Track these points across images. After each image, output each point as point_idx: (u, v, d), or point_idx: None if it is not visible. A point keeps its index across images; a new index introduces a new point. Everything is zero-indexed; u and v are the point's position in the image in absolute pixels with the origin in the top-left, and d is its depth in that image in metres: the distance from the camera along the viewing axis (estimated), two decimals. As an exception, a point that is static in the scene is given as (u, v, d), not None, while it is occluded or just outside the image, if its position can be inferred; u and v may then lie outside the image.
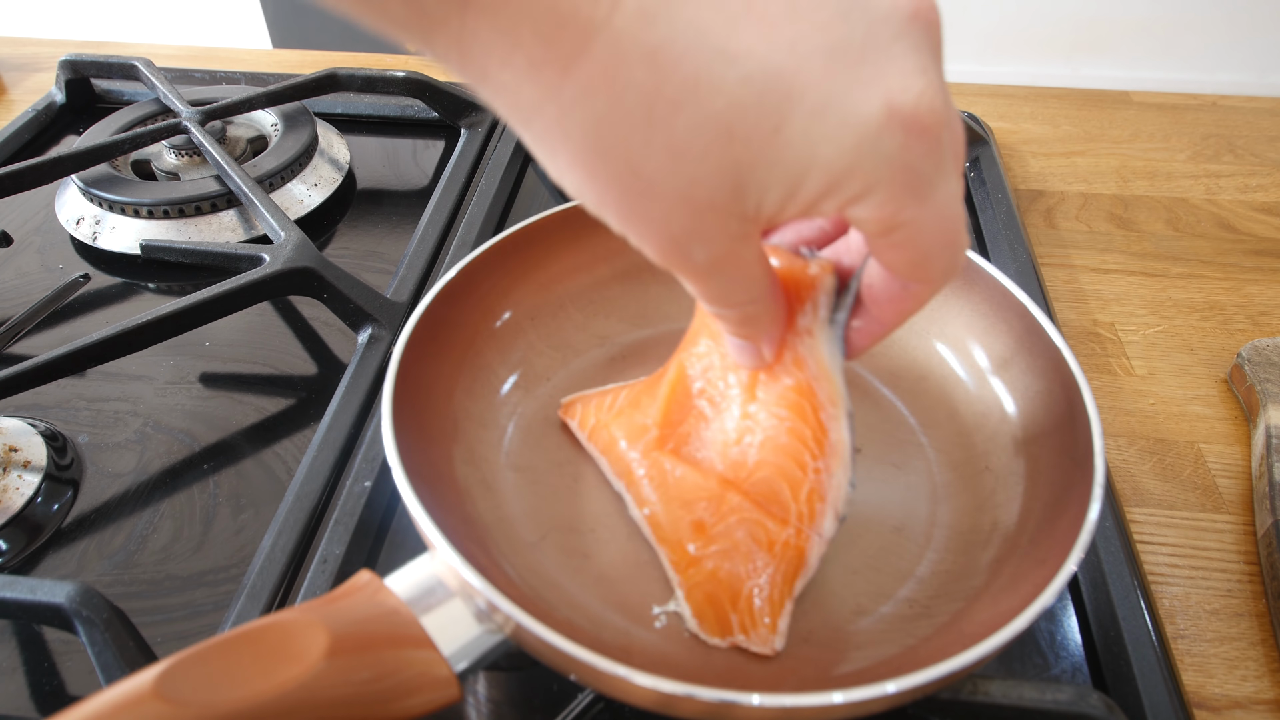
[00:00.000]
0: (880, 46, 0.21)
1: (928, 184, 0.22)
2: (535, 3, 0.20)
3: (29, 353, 0.50)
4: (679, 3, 0.20)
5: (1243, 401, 0.50)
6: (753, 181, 0.22)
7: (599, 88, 0.20)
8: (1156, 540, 0.44)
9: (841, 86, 0.21)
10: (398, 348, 0.38)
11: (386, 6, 0.20)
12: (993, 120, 0.77)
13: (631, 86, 0.20)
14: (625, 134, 0.21)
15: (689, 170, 0.21)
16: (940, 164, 0.22)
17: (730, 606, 0.34)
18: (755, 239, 0.25)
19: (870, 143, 0.21)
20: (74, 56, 0.73)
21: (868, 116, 0.21)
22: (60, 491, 0.44)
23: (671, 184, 0.22)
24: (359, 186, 0.67)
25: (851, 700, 0.27)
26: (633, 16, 0.20)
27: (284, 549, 0.39)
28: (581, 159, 0.22)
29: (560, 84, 0.21)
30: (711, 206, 0.22)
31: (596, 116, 0.21)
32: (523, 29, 0.20)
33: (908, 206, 0.23)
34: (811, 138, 0.21)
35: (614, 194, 0.22)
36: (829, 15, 0.21)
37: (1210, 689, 0.38)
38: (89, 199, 0.60)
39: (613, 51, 0.20)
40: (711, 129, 0.21)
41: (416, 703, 0.27)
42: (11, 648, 0.38)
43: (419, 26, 0.21)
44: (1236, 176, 0.70)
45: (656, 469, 0.38)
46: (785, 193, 0.22)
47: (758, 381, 0.36)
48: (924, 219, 0.23)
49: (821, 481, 0.35)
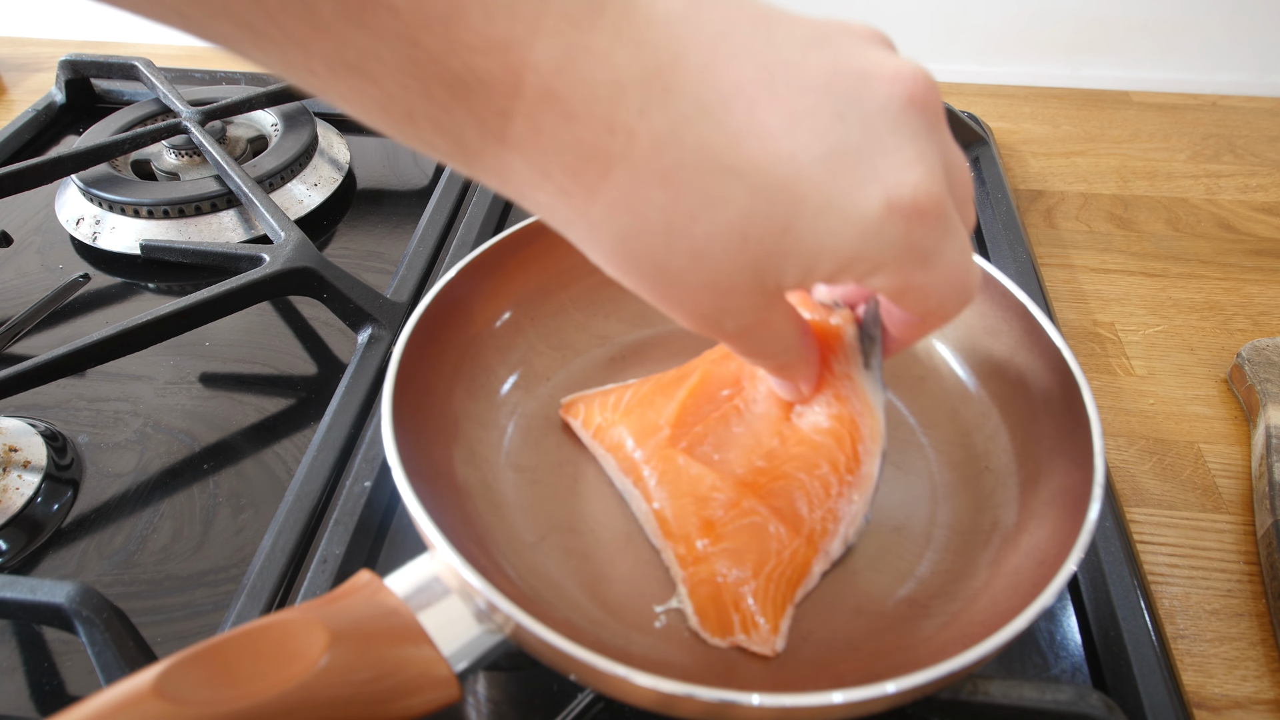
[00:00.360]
0: (876, 143, 0.23)
1: (934, 254, 0.25)
2: (561, 140, 0.22)
3: (29, 353, 0.50)
4: (686, 128, 0.22)
5: (1243, 401, 0.50)
6: (770, 269, 0.24)
7: (621, 209, 0.23)
8: (1156, 540, 0.44)
9: (842, 188, 0.23)
10: (398, 348, 0.38)
11: (433, 143, 0.23)
12: (993, 120, 0.77)
13: (651, 205, 0.23)
14: (649, 244, 0.24)
15: (710, 267, 0.24)
16: (944, 234, 0.24)
17: (733, 606, 0.34)
18: (780, 305, 0.27)
19: (874, 234, 0.23)
20: (74, 56, 0.73)
21: (868, 212, 0.23)
22: (60, 491, 0.44)
23: (696, 279, 0.24)
24: (359, 186, 0.67)
25: (851, 700, 0.27)
26: (647, 146, 0.22)
27: (284, 549, 0.39)
28: (614, 262, 0.25)
29: (588, 206, 0.23)
30: (735, 290, 0.25)
31: (623, 232, 0.24)
32: (552, 163, 0.23)
33: (916, 275, 0.25)
34: (819, 233, 0.23)
35: (645, 286, 0.25)
36: (826, 120, 0.23)
37: (1210, 689, 0.38)
38: (89, 199, 0.60)
39: (631, 177, 0.23)
40: (727, 234, 0.23)
41: (416, 703, 0.27)
42: (11, 648, 0.38)
43: (461, 158, 0.24)
44: (1236, 176, 0.70)
45: (669, 466, 0.38)
46: (802, 274, 0.25)
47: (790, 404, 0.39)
48: (934, 280, 0.25)
49: (841, 505, 0.37)
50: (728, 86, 0.22)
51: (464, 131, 0.23)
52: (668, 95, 0.22)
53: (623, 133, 0.22)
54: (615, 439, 0.40)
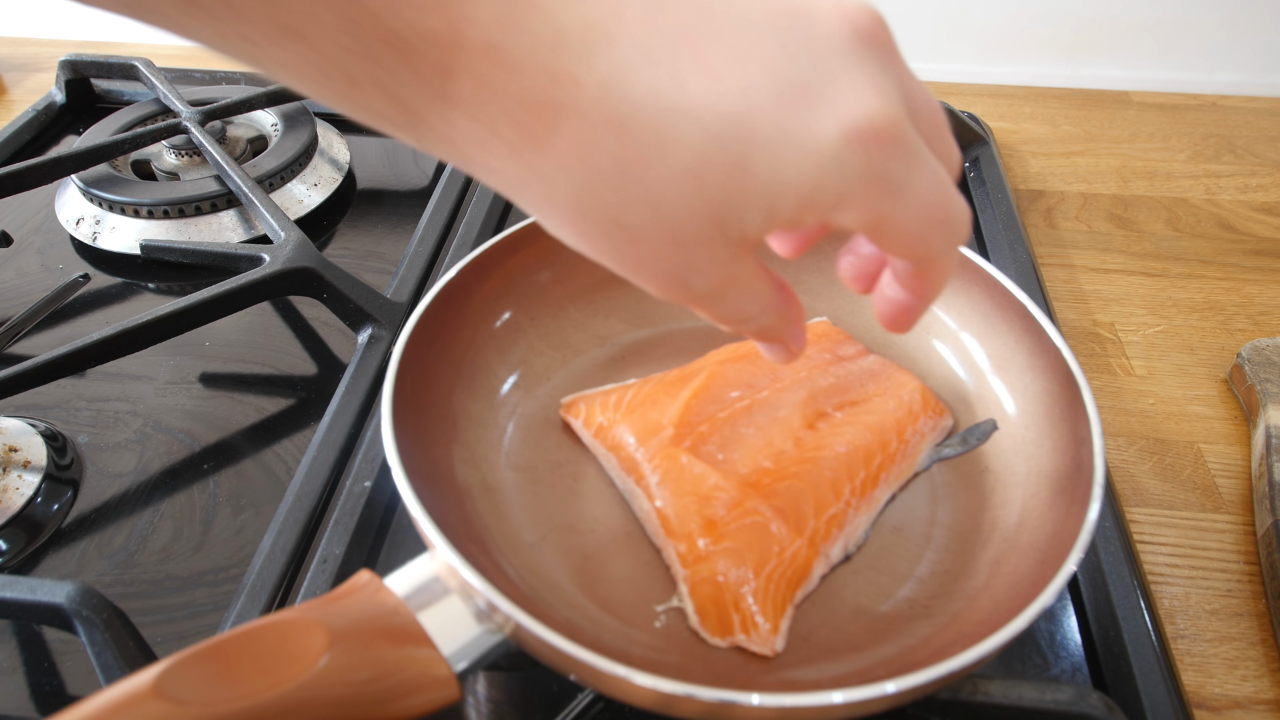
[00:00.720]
0: (824, 72, 0.23)
1: (901, 182, 0.24)
2: (507, 93, 0.22)
3: (29, 353, 0.50)
4: (633, 71, 0.22)
5: (1243, 401, 0.50)
6: (731, 214, 0.23)
7: (573, 159, 0.22)
8: (1156, 540, 0.44)
9: (795, 120, 0.22)
10: (398, 348, 0.38)
11: (378, 110, 0.23)
12: (993, 120, 0.77)
13: (602, 153, 0.22)
14: (604, 195, 0.23)
15: (668, 216, 0.23)
16: (911, 162, 0.24)
17: (733, 606, 0.34)
18: (748, 258, 0.26)
19: (833, 164, 0.23)
20: (74, 56, 0.73)
21: (824, 141, 0.22)
22: (60, 491, 0.44)
23: (655, 231, 0.23)
24: (359, 186, 0.67)
25: (851, 700, 0.27)
26: (594, 92, 0.22)
27: (284, 549, 0.39)
28: (570, 221, 0.24)
29: (538, 160, 0.23)
30: (698, 241, 0.24)
31: (576, 185, 0.23)
32: (498, 119, 0.22)
33: (884, 205, 0.24)
34: (776, 168, 0.23)
35: (605, 246, 0.24)
36: (771, 54, 0.22)
37: (1210, 689, 0.38)
38: (89, 199, 0.60)
39: (580, 126, 0.22)
40: (682, 179, 0.22)
41: (416, 702, 0.27)
42: (11, 648, 0.38)
43: (408, 123, 0.23)
44: (1236, 176, 0.70)
45: (671, 465, 0.38)
46: (764, 217, 0.24)
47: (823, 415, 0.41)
48: (905, 211, 0.24)
49: (847, 513, 0.37)
50: (670, 29, 0.22)
51: (407, 93, 0.22)
52: (610, 42, 0.22)
53: (567, 81, 0.22)
54: (617, 438, 0.40)
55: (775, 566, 0.35)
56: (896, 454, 0.40)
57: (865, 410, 0.41)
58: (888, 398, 0.42)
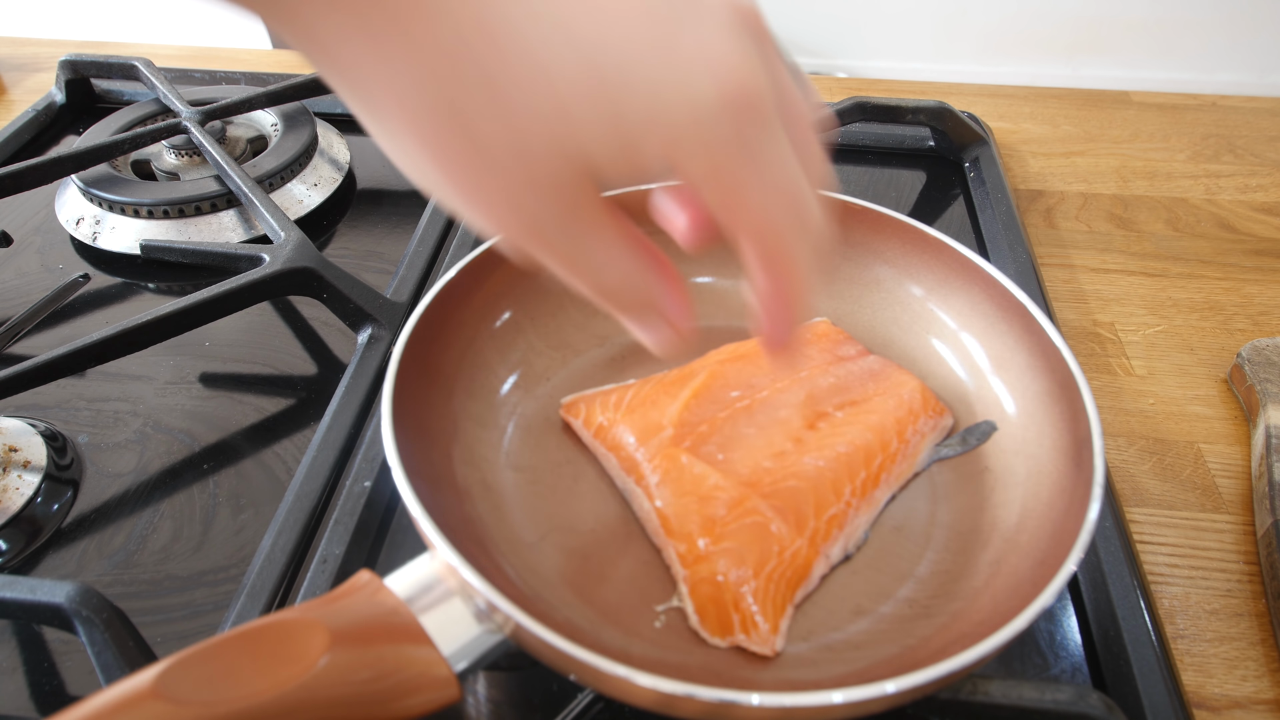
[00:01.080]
0: (706, 34, 0.22)
1: (758, 150, 0.23)
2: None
3: (29, 353, 0.50)
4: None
5: (1243, 401, 0.50)
6: (591, 146, 0.23)
7: (438, 56, 0.21)
8: (1156, 540, 0.44)
9: (675, 68, 0.22)
10: (398, 348, 0.38)
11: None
12: (993, 120, 0.77)
13: (469, 59, 0.21)
14: (460, 101, 0.22)
15: (524, 138, 0.22)
16: (771, 138, 0.24)
17: (733, 606, 0.34)
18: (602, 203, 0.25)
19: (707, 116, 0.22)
20: (74, 56, 0.73)
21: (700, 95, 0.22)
22: (60, 491, 0.44)
23: (506, 151, 0.22)
24: (359, 186, 0.67)
25: (851, 700, 0.27)
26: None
27: (284, 549, 0.39)
28: (414, 124, 0.22)
29: (400, 53, 0.21)
30: (549, 170, 0.23)
31: (432, 84, 0.22)
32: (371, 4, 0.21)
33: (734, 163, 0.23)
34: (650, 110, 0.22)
35: (454, 169, 0.23)
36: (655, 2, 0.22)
37: (1210, 689, 0.38)
38: (89, 199, 0.60)
39: (454, 26, 0.21)
40: (549, 102, 0.22)
41: (416, 702, 0.27)
42: (11, 648, 0.38)
43: (273, 9, 0.22)
44: (1236, 176, 0.70)
45: (672, 465, 0.38)
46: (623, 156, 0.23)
47: (823, 416, 0.41)
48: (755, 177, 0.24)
49: (847, 513, 0.38)
50: None
51: None
52: None
53: None
54: (617, 438, 0.40)
55: (775, 566, 0.35)
56: (897, 454, 0.40)
57: (865, 410, 0.41)
58: (888, 397, 0.42)
